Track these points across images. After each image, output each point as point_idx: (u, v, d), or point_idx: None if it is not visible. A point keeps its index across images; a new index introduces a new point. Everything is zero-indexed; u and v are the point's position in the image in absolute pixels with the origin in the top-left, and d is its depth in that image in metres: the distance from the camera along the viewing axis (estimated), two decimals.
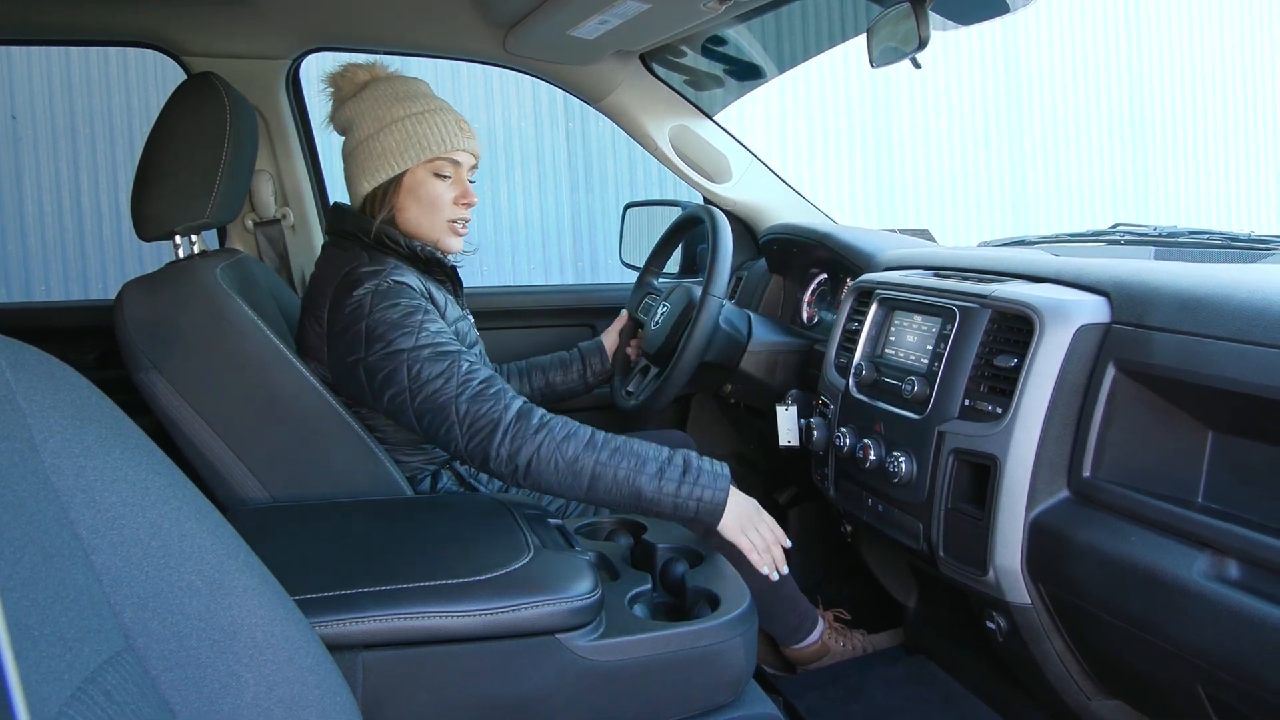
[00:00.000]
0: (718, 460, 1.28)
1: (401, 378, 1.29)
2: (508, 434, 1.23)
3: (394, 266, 1.38)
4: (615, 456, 1.23)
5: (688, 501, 1.23)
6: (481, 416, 1.25)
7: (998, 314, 1.22)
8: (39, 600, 0.50)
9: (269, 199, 1.94)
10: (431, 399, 1.27)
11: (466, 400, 1.25)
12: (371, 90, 1.45)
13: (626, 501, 1.23)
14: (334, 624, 0.95)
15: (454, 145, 1.43)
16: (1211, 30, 6.49)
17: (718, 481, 1.24)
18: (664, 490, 1.22)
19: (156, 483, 0.61)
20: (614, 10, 1.58)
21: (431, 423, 1.28)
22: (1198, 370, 0.95)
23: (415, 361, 1.28)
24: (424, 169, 1.43)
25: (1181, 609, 0.93)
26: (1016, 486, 1.12)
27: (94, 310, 2.00)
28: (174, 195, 1.35)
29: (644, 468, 1.22)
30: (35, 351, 0.59)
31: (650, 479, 1.22)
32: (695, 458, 1.27)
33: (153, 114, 1.39)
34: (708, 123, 2.16)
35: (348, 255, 1.41)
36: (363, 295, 1.32)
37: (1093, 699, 1.21)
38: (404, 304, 1.32)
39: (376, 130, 1.42)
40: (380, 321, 1.31)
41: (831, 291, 1.98)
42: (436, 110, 1.44)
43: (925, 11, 1.43)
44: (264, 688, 0.63)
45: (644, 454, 1.24)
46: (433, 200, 1.44)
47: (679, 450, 1.27)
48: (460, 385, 1.27)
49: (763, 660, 1.79)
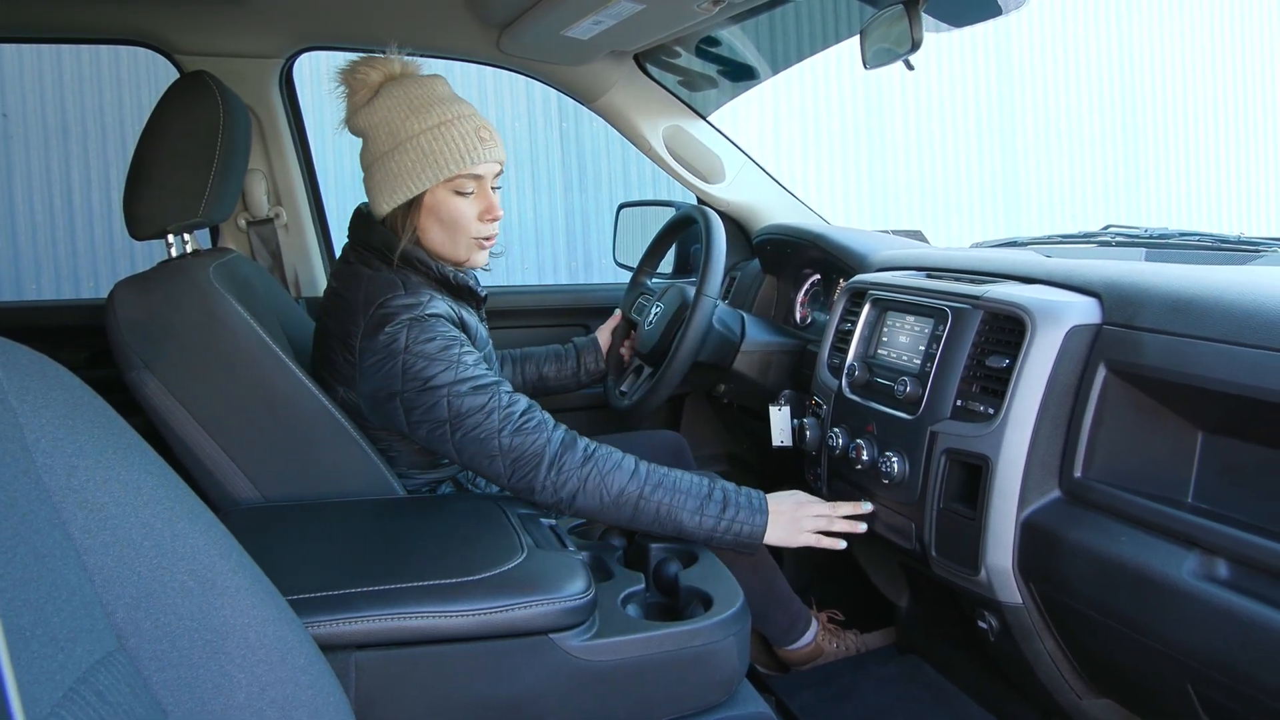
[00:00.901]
0: (754, 491, 1.34)
1: (442, 413, 1.27)
2: (553, 467, 1.26)
3: (430, 298, 1.33)
4: (658, 491, 1.28)
5: (725, 536, 1.30)
6: (526, 450, 1.26)
7: (990, 315, 1.23)
8: (31, 600, 0.50)
9: (262, 198, 1.94)
10: (473, 433, 1.27)
11: (510, 434, 1.26)
12: (384, 97, 1.37)
13: (668, 533, 1.29)
14: (327, 624, 0.95)
15: (474, 160, 1.35)
16: (1202, 32, 6.52)
17: (755, 517, 1.31)
18: (703, 525, 1.28)
19: (149, 482, 0.61)
20: (608, 10, 1.58)
21: (474, 456, 1.28)
22: (1188, 371, 0.96)
23: (456, 396, 1.27)
24: (444, 188, 1.36)
25: (1171, 608, 0.93)
26: (1008, 486, 1.12)
27: (85, 309, 1.99)
28: (166, 194, 1.35)
29: (685, 504, 1.28)
30: (27, 351, 0.59)
31: (691, 515, 1.28)
32: (733, 491, 1.32)
33: (145, 112, 1.39)
34: (701, 123, 2.16)
35: (378, 277, 1.36)
36: (398, 329, 1.29)
37: (1084, 698, 1.22)
38: (441, 337, 1.29)
39: (391, 148, 1.35)
40: (419, 356, 1.28)
41: (825, 292, 1.98)
42: (454, 120, 1.36)
43: (918, 13, 1.44)
44: (256, 688, 0.62)
45: (685, 488, 1.29)
46: (455, 220, 1.38)
47: (718, 483, 1.32)
48: (502, 419, 1.27)
49: (756, 660, 1.80)
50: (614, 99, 2.07)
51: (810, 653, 1.74)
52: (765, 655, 1.80)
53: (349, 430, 1.35)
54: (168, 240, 1.39)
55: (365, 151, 1.40)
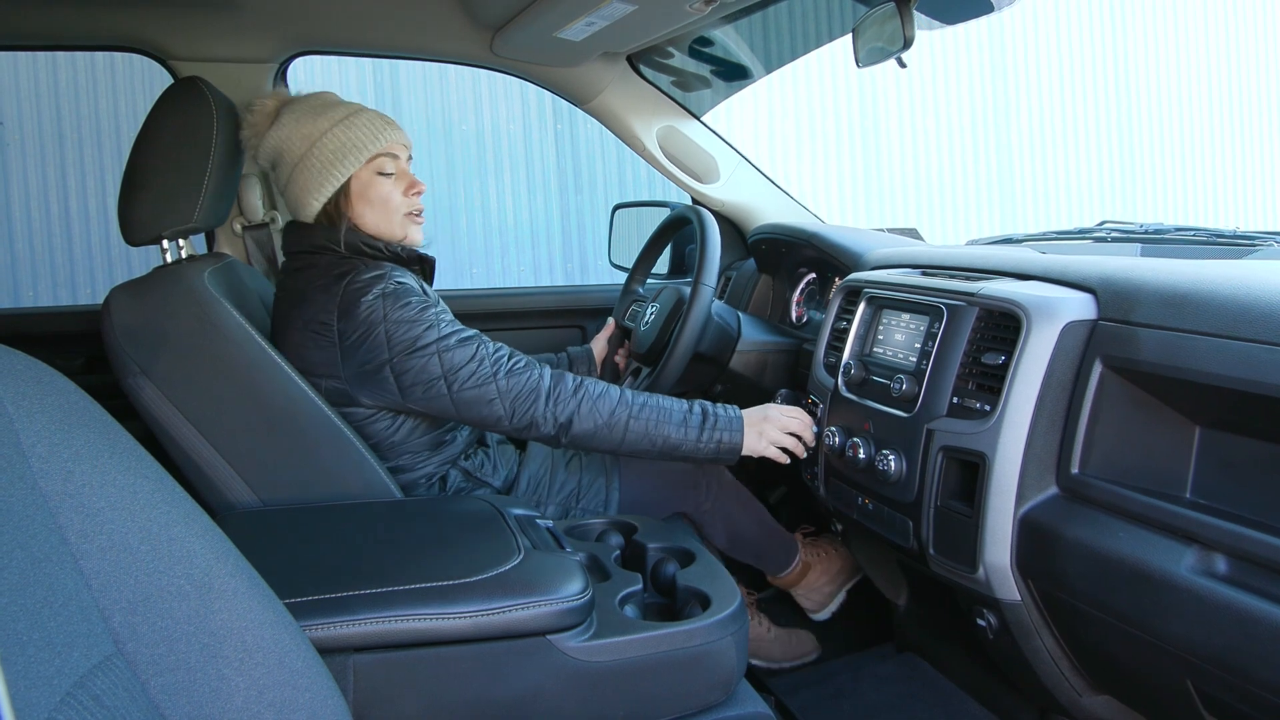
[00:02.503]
0: (730, 406, 1.45)
1: (435, 370, 1.35)
2: (549, 398, 1.36)
3: (391, 269, 1.40)
4: (645, 410, 1.39)
5: (709, 445, 1.41)
6: (523, 388, 1.36)
7: (985, 312, 1.23)
8: (27, 605, 0.50)
9: (257, 203, 1.94)
10: (470, 382, 1.35)
11: (504, 376, 1.36)
12: (286, 115, 1.45)
13: (657, 449, 1.40)
14: (324, 627, 0.95)
15: (387, 140, 1.45)
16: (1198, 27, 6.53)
17: (733, 425, 1.42)
18: (689, 438, 1.40)
19: (145, 487, 0.61)
20: (601, 12, 1.59)
21: (473, 403, 1.36)
22: (1184, 366, 0.96)
23: (446, 350, 1.35)
24: (366, 171, 1.44)
25: (1170, 604, 0.93)
26: (1005, 483, 1.12)
27: (81, 315, 1.99)
28: (161, 200, 1.35)
29: (670, 418, 1.39)
30: (23, 357, 0.59)
31: (677, 429, 1.39)
32: (711, 406, 1.43)
33: (139, 118, 1.39)
34: (695, 123, 2.16)
35: (335, 262, 1.41)
36: (374, 300, 1.35)
37: (1083, 695, 1.22)
38: (415, 301, 1.37)
39: (306, 150, 1.43)
40: (400, 321, 1.34)
41: (820, 291, 1.98)
42: (357, 112, 1.45)
43: (910, 11, 1.44)
44: (254, 692, 0.62)
45: (669, 406, 1.41)
46: (384, 198, 1.46)
47: (697, 402, 1.44)
48: (494, 364, 1.36)
49: (754, 656, 1.81)
50: (608, 100, 2.08)
51: (802, 570, 1.83)
52: (764, 647, 1.81)
53: (345, 433, 1.35)
54: (163, 246, 1.39)
55: (280, 168, 1.47)
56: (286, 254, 1.50)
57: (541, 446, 1.64)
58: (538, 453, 1.63)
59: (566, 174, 5.02)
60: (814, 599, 1.86)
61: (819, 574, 1.85)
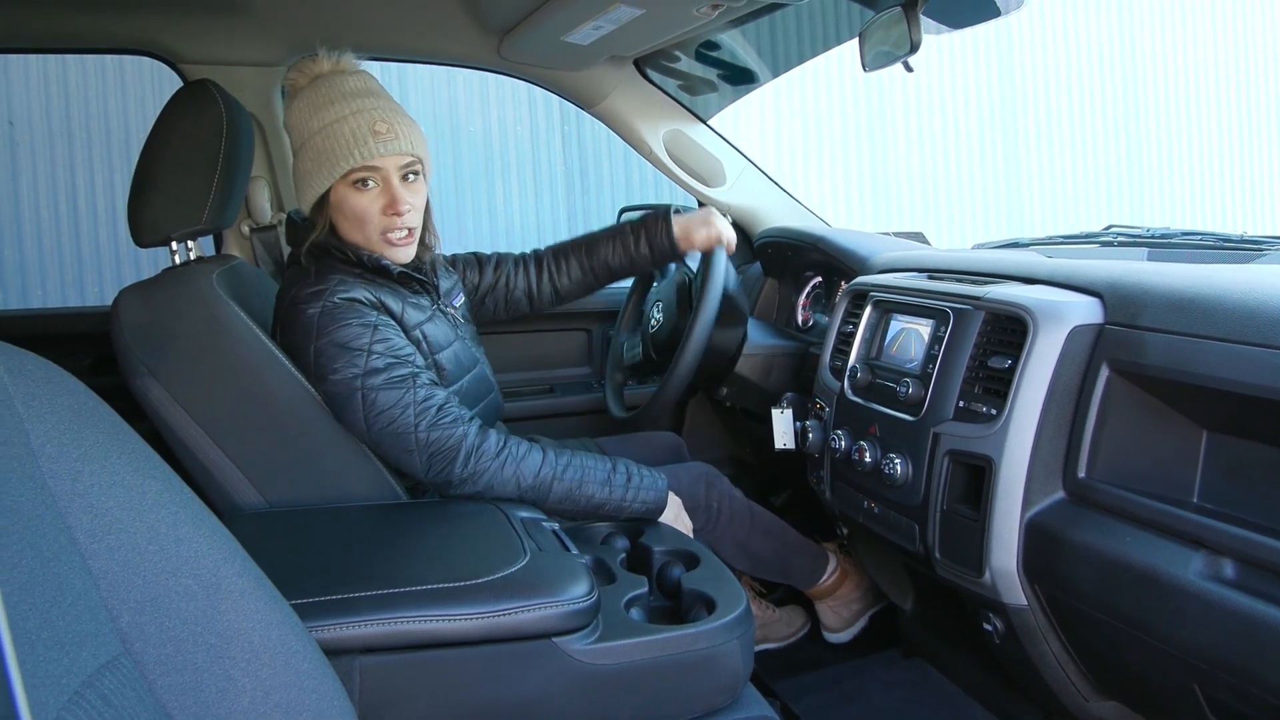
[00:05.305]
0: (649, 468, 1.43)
1: (356, 406, 1.30)
2: (469, 460, 1.30)
3: (339, 282, 1.33)
4: (568, 471, 1.35)
5: (635, 503, 1.38)
6: (444, 445, 1.30)
7: (991, 315, 1.23)
8: (36, 604, 0.51)
9: (265, 205, 1.94)
10: (389, 428, 1.30)
11: (426, 428, 1.30)
12: (299, 98, 1.39)
13: (580, 508, 1.36)
14: (331, 628, 0.95)
15: (365, 155, 1.32)
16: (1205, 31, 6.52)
17: (656, 482, 1.41)
18: (613, 496, 1.37)
19: (154, 487, 0.61)
20: (608, 16, 1.59)
21: (390, 450, 1.32)
22: (1191, 370, 0.96)
23: (370, 390, 1.29)
24: (343, 185, 1.35)
25: (1178, 609, 0.93)
26: (1012, 487, 1.12)
27: (90, 316, 2.00)
28: (170, 201, 1.35)
29: (594, 477, 1.36)
30: (33, 357, 0.59)
31: (600, 488, 1.36)
32: (634, 466, 1.41)
33: (149, 120, 1.39)
34: (701, 127, 2.16)
35: (293, 272, 1.38)
36: (312, 315, 1.30)
37: (1090, 700, 1.22)
38: (354, 324, 1.30)
39: (299, 148, 1.38)
40: (329, 344, 1.29)
41: (826, 294, 1.98)
42: (349, 116, 1.34)
43: (917, 15, 1.44)
44: (260, 693, 0.63)
45: (592, 465, 1.37)
46: (359, 215, 1.36)
47: (621, 461, 1.41)
48: (419, 414, 1.30)
49: (762, 640, 1.83)
50: (614, 104, 2.08)
51: (839, 579, 1.81)
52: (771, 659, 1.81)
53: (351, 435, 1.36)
54: (171, 247, 1.40)
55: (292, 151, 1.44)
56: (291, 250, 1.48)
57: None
58: None
59: (573, 176, 5.03)
60: (843, 615, 1.83)
61: (853, 587, 1.83)
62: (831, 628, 1.84)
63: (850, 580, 1.83)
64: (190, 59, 1.84)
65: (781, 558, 1.74)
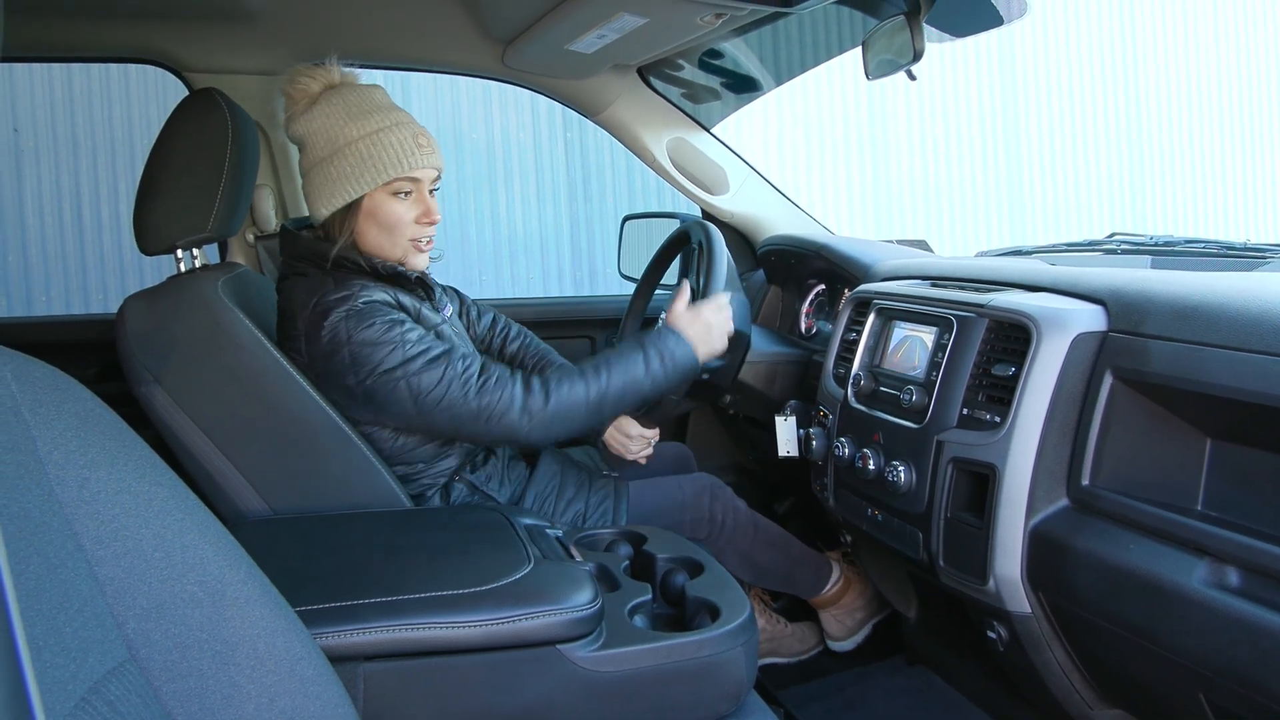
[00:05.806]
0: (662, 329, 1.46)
1: (403, 396, 1.31)
2: (525, 409, 1.34)
3: (361, 287, 1.35)
4: (612, 380, 1.38)
5: (674, 374, 1.42)
6: (494, 406, 1.33)
7: (995, 323, 1.23)
8: (43, 611, 0.51)
9: (270, 213, 1.95)
10: (440, 406, 1.32)
11: (475, 397, 1.32)
12: (323, 105, 1.39)
13: (637, 403, 1.43)
14: (335, 635, 0.95)
15: (412, 165, 1.37)
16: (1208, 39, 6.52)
17: (678, 344, 1.43)
18: (656, 378, 1.40)
19: (160, 494, 0.61)
20: (611, 25, 1.60)
21: (445, 425, 1.34)
22: (1195, 378, 0.96)
23: (413, 375, 1.31)
24: (382, 192, 1.38)
25: (1182, 617, 0.93)
26: (1016, 495, 1.12)
27: (95, 324, 2.00)
28: (176, 209, 1.36)
29: (634, 373, 1.39)
30: (40, 364, 0.59)
31: (645, 378, 1.40)
32: (651, 337, 1.43)
33: (154, 128, 1.40)
34: (705, 135, 2.17)
35: (307, 282, 1.38)
36: (337, 321, 1.31)
37: (1094, 708, 1.21)
38: (380, 321, 1.32)
39: (330, 154, 1.37)
40: (364, 344, 1.30)
41: (829, 302, 1.98)
42: (392, 127, 1.38)
43: (920, 24, 1.45)
44: (265, 699, 0.63)
45: (625, 358, 1.40)
46: (393, 223, 1.39)
47: (639, 344, 1.42)
48: (464, 385, 1.32)
49: (774, 654, 1.83)
50: (618, 112, 2.08)
51: (843, 588, 1.82)
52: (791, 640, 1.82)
53: (356, 442, 1.36)
54: (176, 255, 1.40)
55: (303, 158, 1.43)
56: (282, 256, 1.46)
57: (550, 464, 1.60)
58: (546, 470, 1.59)
59: (576, 183, 5.04)
60: (846, 623, 1.83)
61: (856, 595, 1.83)
62: (835, 636, 1.84)
63: (854, 589, 1.83)
64: (196, 68, 1.85)
65: (785, 569, 1.74)
